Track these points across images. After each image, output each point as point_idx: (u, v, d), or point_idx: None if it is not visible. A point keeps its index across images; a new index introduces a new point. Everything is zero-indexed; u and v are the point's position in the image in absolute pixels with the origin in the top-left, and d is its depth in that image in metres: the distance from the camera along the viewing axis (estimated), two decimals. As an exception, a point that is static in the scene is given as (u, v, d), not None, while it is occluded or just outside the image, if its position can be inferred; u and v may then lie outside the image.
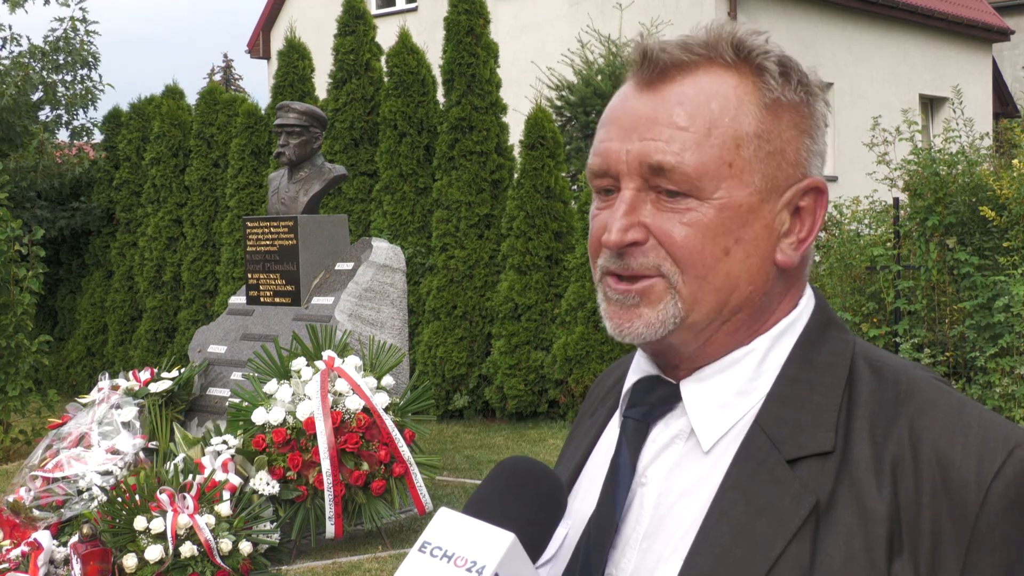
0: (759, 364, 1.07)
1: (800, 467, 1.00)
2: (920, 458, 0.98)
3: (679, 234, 1.03)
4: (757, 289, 1.06)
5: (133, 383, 6.22)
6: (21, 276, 8.45)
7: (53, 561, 5.01)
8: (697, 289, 1.04)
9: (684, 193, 1.03)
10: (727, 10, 14.58)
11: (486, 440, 8.24)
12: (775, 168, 1.05)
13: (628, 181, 1.05)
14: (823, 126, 1.10)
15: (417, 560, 0.97)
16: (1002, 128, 11.15)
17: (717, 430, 1.05)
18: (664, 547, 1.03)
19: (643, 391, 1.12)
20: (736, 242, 1.04)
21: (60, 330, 12.04)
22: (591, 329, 8.29)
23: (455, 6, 9.21)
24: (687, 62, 1.06)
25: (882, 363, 1.06)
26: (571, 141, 11.91)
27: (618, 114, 1.08)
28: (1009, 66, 23.25)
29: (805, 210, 1.08)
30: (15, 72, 10.71)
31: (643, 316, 1.05)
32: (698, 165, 1.02)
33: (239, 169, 10.28)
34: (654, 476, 1.07)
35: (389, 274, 6.68)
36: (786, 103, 1.06)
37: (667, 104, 1.05)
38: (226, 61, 47.85)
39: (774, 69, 1.06)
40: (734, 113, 1.04)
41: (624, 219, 1.05)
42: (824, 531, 0.97)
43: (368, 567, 5.37)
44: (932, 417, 1.00)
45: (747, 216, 1.04)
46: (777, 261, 1.06)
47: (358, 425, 5.36)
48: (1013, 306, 6.85)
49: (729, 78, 1.06)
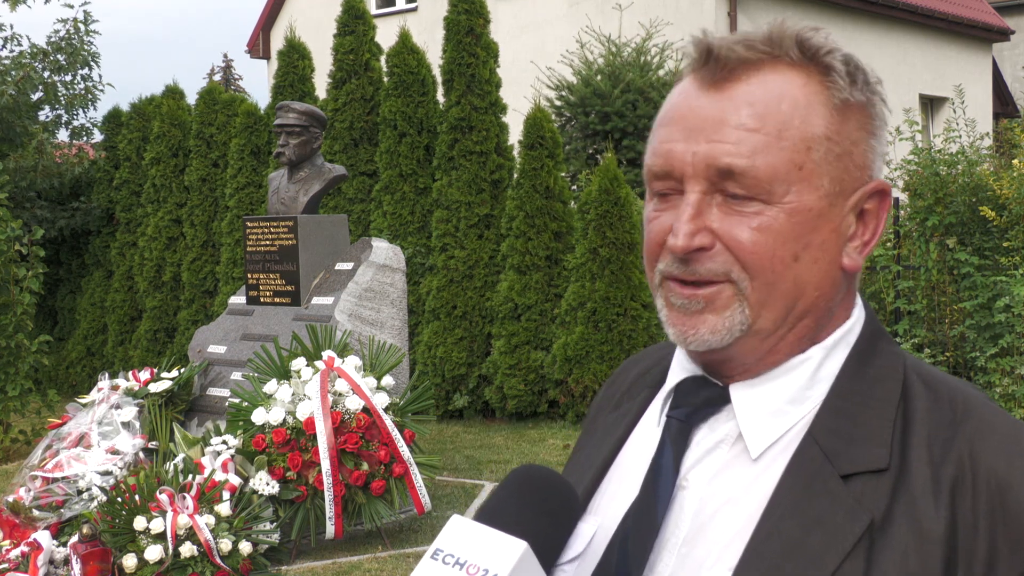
0: (814, 373, 1.05)
1: (854, 483, 0.98)
2: (978, 481, 0.97)
3: (748, 239, 1.01)
4: (824, 295, 1.04)
5: (133, 383, 6.22)
6: (21, 276, 8.45)
7: (53, 561, 5.01)
8: (766, 295, 1.02)
9: (752, 197, 1.01)
10: (727, 10, 14.57)
11: (486, 440, 8.24)
12: (843, 171, 1.03)
13: (694, 184, 1.02)
14: (885, 126, 1.08)
15: (429, 567, 0.97)
16: (1002, 128, 11.15)
17: (767, 437, 1.03)
18: (706, 555, 1.01)
19: (687, 391, 1.09)
20: (805, 247, 1.01)
21: (60, 330, 12.04)
22: (591, 329, 8.28)
23: (455, 6, 9.21)
24: (754, 61, 1.03)
25: (936, 380, 1.05)
26: (570, 141, 11.91)
27: (682, 112, 1.05)
28: (1009, 66, 23.25)
29: (869, 213, 1.06)
30: (15, 72, 10.71)
31: (708, 322, 1.03)
32: (769, 168, 1.00)
33: (238, 169, 10.28)
34: (696, 480, 1.05)
35: (389, 274, 6.68)
36: (854, 103, 1.04)
37: (735, 104, 1.02)
38: (226, 61, 47.87)
39: (841, 68, 1.04)
40: (804, 114, 1.02)
41: (691, 223, 1.01)
42: (879, 549, 0.95)
43: (368, 567, 5.37)
44: (991, 440, 0.99)
45: (816, 220, 1.02)
46: (844, 265, 1.05)
47: (358, 425, 5.36)
48: (1013, 306, 6.85)
49: (796, 77, 1.03)
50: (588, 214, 8.53)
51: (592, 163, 11.65)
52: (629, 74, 11.75)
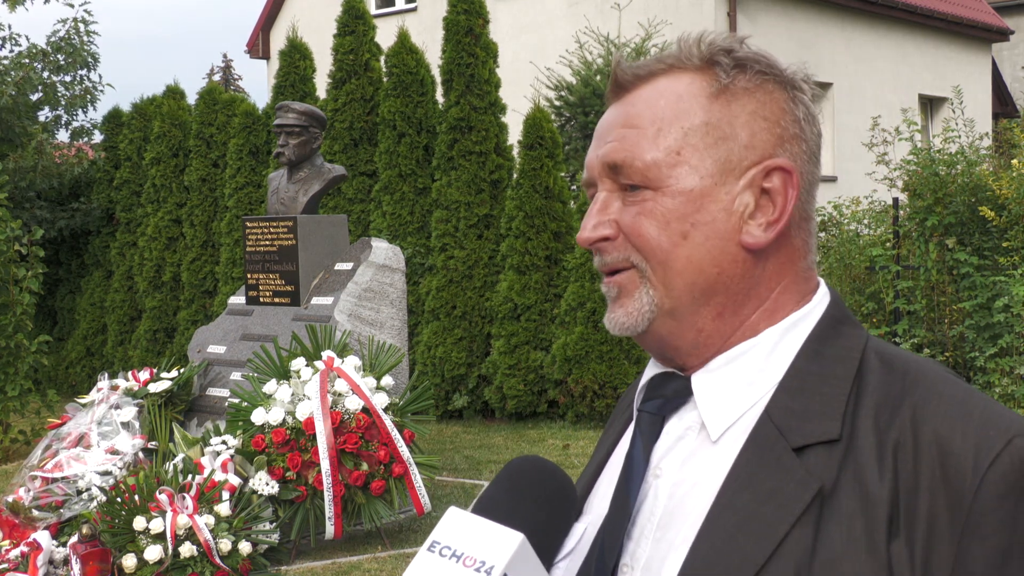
0: (768, 355, 1.08)
1: (806, 455, 1.02)
2: (920, 444, 0.99)
3: (638, 224, 1.09)
4: (724, 271, 1.08)
5: (132, 383, 6.22)
6: (21, 276, 8.45)
7: (52, 561, 5.01)
8: (664, 275, 1.08)
9: (642, 186, 1.09)
10: (727, 10, 14.57)
11: (485, 440, 8.24)
12: (727, 152, 1.08)
13: (601, 184, 1.13)
14: (798, 114, 1.11)
15: (426, 559, 0.98)
16: (1001, 128, 11.15)
17: (725, 420, 1.07)
18: (675, 536, 1.05)
19: (657, 386, 1.14)
20: (692, 226, 1.07)
21: (59, 330, 12.04)
22: (590, 329, 8.29)
23: (454, 6, 9.21)
24: (652, 71, 1.13)
25: (893, 356, 1.08)
26: (570, 141, 11.91)
27: (597, 127, 1.16)
28: (1008, 66, 23.26)
29: (774, 191, 1.09)
30: (15, 72, 10.71)
31: (624, 306, 1.11)
32: (647, 158, 1.08)
33: (238, 169, 10.28)
34: (668, 468, 1.09)
35: (388, 274, 6.68)
36: (738, 90, 1.10)
37: (624, 108, 1.13)
38: (225, 61, 47.89)
39: (727, 62, 1.10)
40: (682, 106, 1.09)
41: (595, 217, 1.12)
42: (827, 515, 0.98)
43: (367, 567, 5.37)
44: (936, 405, 1.01)
45: (700, 200, 1.08)
46: (744, 243, 1.08)
47: (357, 425, 5.36)
48: (1013, 306, 6.85)
49: (684, 77, 1.11)
50: (587, 214, 8.53)
51: (592, 163, 11.64)
52: (628, 74, 11.75)
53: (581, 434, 8.27)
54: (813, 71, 1.15)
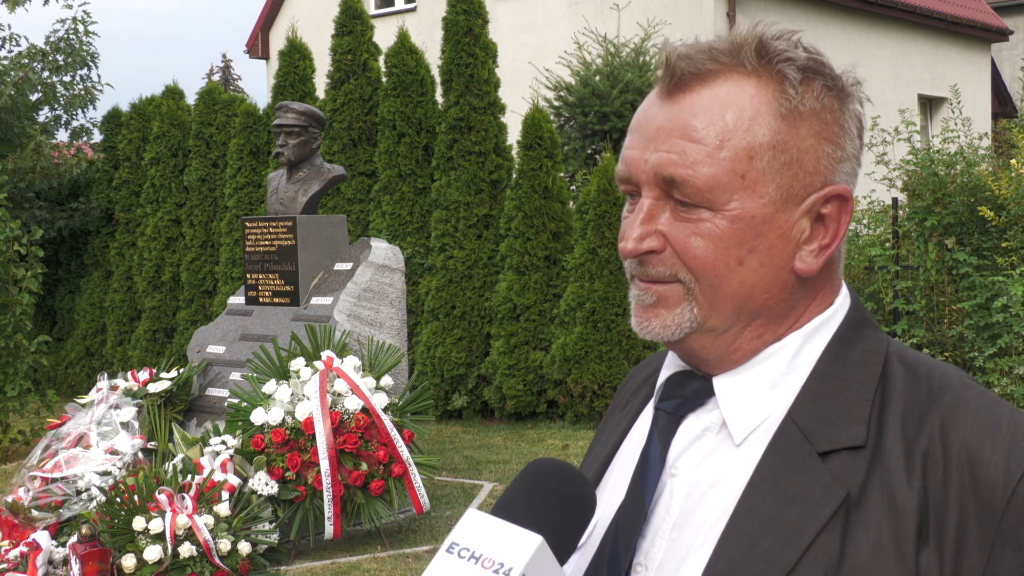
0: (792, 359, 1.08)
1: (831, 460, 1.01)
2: (950, 453, 0.99)
3: (693, 245, 1.05)
4: (773, 297, 1.07)
5: (132, 383, 6.22)
6: (20, 276, 8.45)
7: (52, 561, 5.01)
8: (712, 297, 1.06)
9: (698, 204, 1.05)
10: (726, 10, 14.57)
11: (485, 440, 8.24)
12: (791, 178, 1.05)
13: (647, 190, 1.08)
14: (853, 130, 1.09)
15: (445, 561, 0.98)
16: (1001, 128, 11.16)
17: (749, 423, 1.07)
18: (694, 537, 1.04)
19: (676, 385, 1.14)
20: (750, 252, 1.05)
21: (59, 330, 12.04)
22: (590, 329, 8.29)
23: (454, 6, 9.21)
24: (709, 71, 1.06)
25: (916, 362, 1.08)
26: (568, 142, 11.91)
27: (641, 122, 1.10)
28: (1008, 66, 23.26)
29: (828, 217, 1.07)
30: (14, 72, 10.70)
31: (660, 316, 1.09)
32: (709, 178, 1.04)
33: (237, 169, 10.28)
34: (684, 467, 1.09)
35: (388, 274, 6.68)
36: (805, 111, 1.06)
37: (683, 115, 1.06)
38: (225, 61, 47.87)
39: (794, 77, 1.05)
40: (749, 124, 1.04)
41: (640, 228, 1.07)
42: (854, 523, 0.98)
43: (367, 567, 5.37)
44: (963, 414, 1.01)
45: (760, 227, 1.05)
46: (796, 269, 1.07)
47: (357, 425, 5.36)
48: (1012, 306, 6.85)
49: (748, 87, 1.06)
50: (587, 214, 8.54)
51: (591, 163, 11.66)
52: (627, 74, 11.76)
53: (580, 434, 8.27)
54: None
